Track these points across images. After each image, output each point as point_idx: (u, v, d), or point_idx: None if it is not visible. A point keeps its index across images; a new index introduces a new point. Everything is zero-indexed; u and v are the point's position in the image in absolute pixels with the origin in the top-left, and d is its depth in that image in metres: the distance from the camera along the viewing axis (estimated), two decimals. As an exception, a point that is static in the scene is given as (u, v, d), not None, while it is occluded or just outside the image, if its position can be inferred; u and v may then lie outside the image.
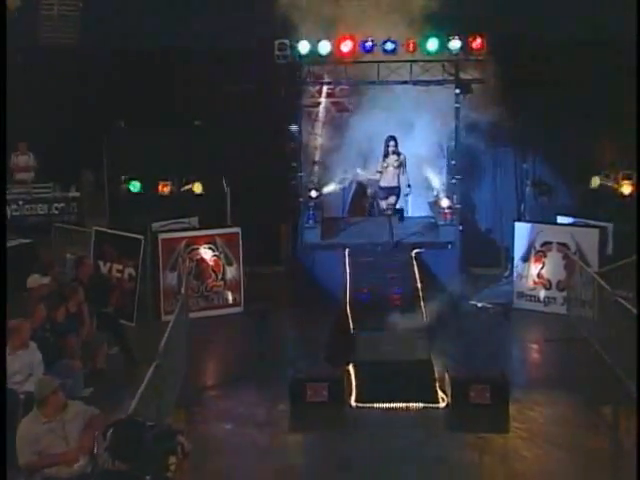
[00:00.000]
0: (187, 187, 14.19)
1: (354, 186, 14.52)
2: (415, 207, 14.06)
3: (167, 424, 5.08)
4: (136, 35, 14.27)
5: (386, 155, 12.44)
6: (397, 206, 12.66)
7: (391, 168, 12.42)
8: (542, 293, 12.59)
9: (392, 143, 12.42)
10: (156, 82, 14.25)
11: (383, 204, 12.62)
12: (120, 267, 11.95)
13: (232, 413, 9.03)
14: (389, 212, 12.52)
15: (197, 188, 14.13)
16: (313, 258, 12.86)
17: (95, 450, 6.07)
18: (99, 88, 14.27)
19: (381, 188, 12.62)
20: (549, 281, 12.57)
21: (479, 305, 12.66)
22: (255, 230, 13.29)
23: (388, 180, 12.52)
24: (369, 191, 14.09)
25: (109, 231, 12.41)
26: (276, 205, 14.08)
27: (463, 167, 13.44)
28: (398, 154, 12.41)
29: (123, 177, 14.11)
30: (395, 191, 12.57)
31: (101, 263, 12.00)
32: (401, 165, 12.42)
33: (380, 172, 12.54)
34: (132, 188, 14.01)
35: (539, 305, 12.60)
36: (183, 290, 10.83)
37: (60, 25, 15.46)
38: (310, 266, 12.86)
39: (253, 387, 9.69)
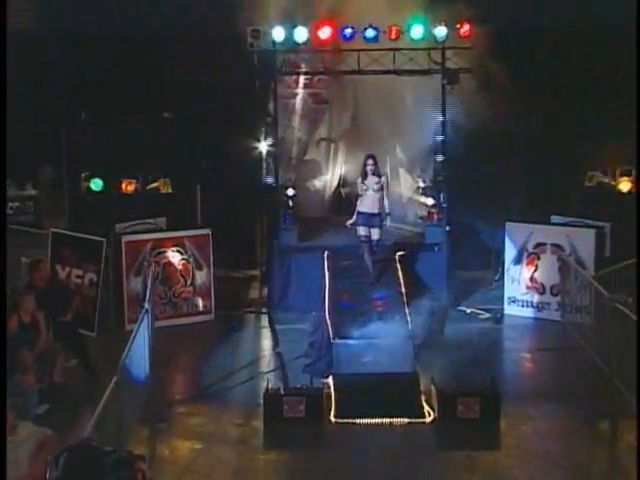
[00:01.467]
0: (153, 185, 14.15)
1: (335, 184, 14.42)
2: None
3: (127, 450, 4.92)
4: (99, 20, 14.08)
5: (365, 176, 11.35)
6: (377, 236, 11.56)
7: (371, 192, 11.30)
8: (535, 298, 12.63)
9: (370, 162, 11.33)
10: (121, 71, 14.06)
11: (361, 231, 11.56)
12: (80, 272, 11.90)
13: (201, 431, 8.98)
14: (365, 241, 11.52)
15: (164, 186, 14.09)
16: (290, 261, 12.83)
17: (47, 476, 5.91)
18: (58, 77, 14.06)
19: (360, 213, 11.51)
20: (542, 285, 12.61)
21: (468, 311, 12.69)
22: (227, 231, 13.27)
23: (367, 205, 11.39)
24: (344, 190, 13.95)
25: (68, 233, 12.30)
26: (250, 204, 14.05)
27: (451, 163, 13.39)
28: (379, 175, 11.46)
29: (84, 174, 14.01)
30: (375, 220, 11.47)
31: (59, 268, 11.92)
32: (382, 188, 11.53)
33: (360, 195, 11.50)
34: (94, 186, 13.92)
35: (532, 311, 12.64)
36: (148, 297, 10.69)
37: (15, 8, 15.20)
38: (287, 270, 12.83)
39: (224, 402, 9.65)
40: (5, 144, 10.29)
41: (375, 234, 11.52)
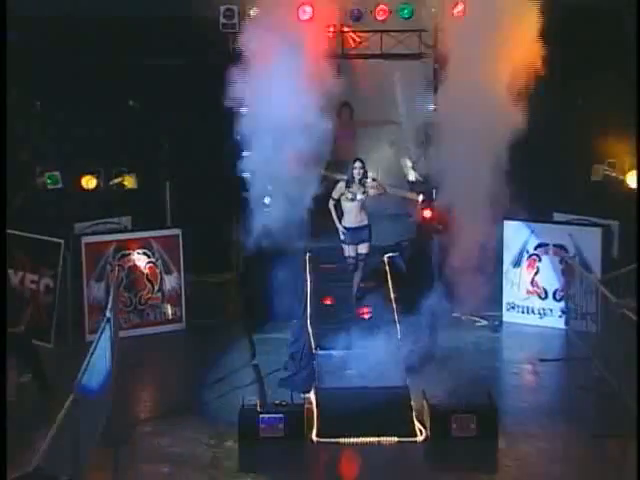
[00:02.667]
0: (117, 180, 13.97)
1: (319, 178, 14.37)
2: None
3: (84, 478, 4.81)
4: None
5: (350, 183, 10.95)
6: (365, 250, 11.15)
7: (356, 202, 10.91)
8: (536, 304, 12.65)
9: (358, 165, 10.96)
10: (80, 54, 13.90)
11: (348, 251, 11.16)
12: (35, 277, 11.89)
13: (169, 452, 8.93)
14: (352, 263, 11.19)
15: (129, 182, 13.95)
16: (269, 264, 12.66)
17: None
18: (9, 60, 13.87)
19: (347, 230, 11.06)
20: (544, 290, 12.63)
21: (463, 318, 12.68)
22: (199, 231, 13.21)
23: (353, 219, 10.99)
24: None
25: (21, 234, 12.14)
26: (225, 202, 13.91)
27: (444, 155, 13.32)
28: (364, 184, 10.96)
29: (39, 169, 13.80)
30: (364, 233, 11.07)
31: (11, 272, 11.81)
32: (368, 197, 11.04)
33: (342, 205, 11.05)
34: (50, 182, 13.71)
35: (533, 318, 12.66)
36: (111, 304, 10.63)
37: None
38: (265, 273, 12.64)
39: (195, 420, 9.60)
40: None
41: (363, 249, 11.17)
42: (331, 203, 11.09)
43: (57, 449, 6.73)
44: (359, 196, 10.95)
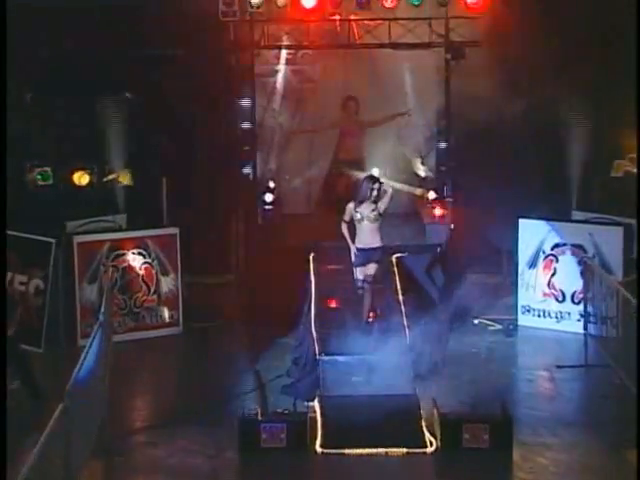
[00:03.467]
0: (111, 177, 13.97)
1: (325, 174, 14.37)
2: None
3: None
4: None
5: (361, 201, 10.73)
6: (372, 271, 10.86)
7: (366, 222, 10.73)
8: (553, 307, 12.65)
9: (376, 186, 10.71)
10: (73, 43, 13.91)
11: (359, 274, 10.99)
12: (24, 278, 11.92)
13: (166, 464, 8.92)
14: (364, 287, 10.93)
15: (124, 178, 13.95)
16: (271, 264, 12.71)
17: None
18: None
19: (358, 251, 10.86)
20: (562, 292, 12.64)
21: (476, 322, 12.70)
22: (198, 231, 13.29)
23: (364, 239, 10.79)
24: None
25: (11, 233, 11.87)
26: (225, 200, 13.99)
27: (456, 151, 13.31)
28: (375, 202, 10.69)
29: (29, 164, 13.82)
30: (375, 254, 10.85)
31: (0, 273, 11.96)
32: (380, 216, 10.77)
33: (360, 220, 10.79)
34: (41, 178, 13.74)
35: (550, 322, 12.66)
36: (105, 307, 10.55)
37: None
38: (267, 274, 12.71)
39: (193, 430, 9.58)
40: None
41: (370, 269, 10.95)
42: (344, 226, 10.88)
43: (46, 461, 6.68)
44: (369, 215, 10.72)
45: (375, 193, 10.72)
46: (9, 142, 13.47)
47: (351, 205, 10.82)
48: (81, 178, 13.80)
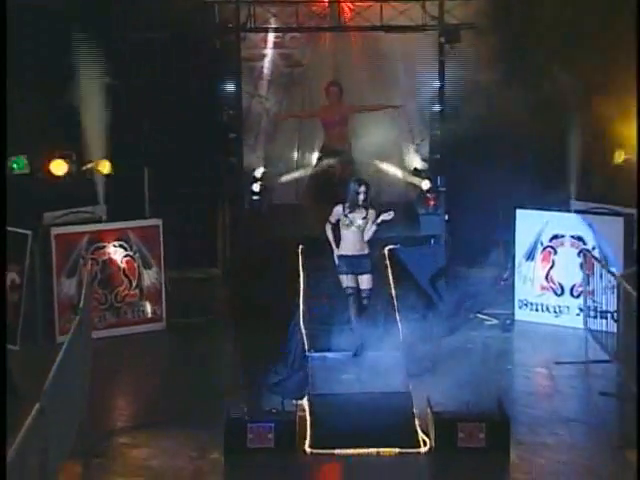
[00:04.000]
0: (90, 165, 13.83)
1: (314, 162, 14.36)
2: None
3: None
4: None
5: (351, 207, 10.45)
6: (367, 285, 10.60)
7: (354, 228, 10.47)
8: (552, 301, 12.67)
9: (362, 189, 10.40)
10: (50, 26, 13.82)
11: (346, 281, 10.66)
12: None
13: (148, 466, 8.88)
14: (352, 293, 10.64)
15: (104, 167, 13.82)
16: (258, 257, 12.73)
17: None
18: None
19: (342, 257, 10.59)
20: (560, 285, 12.65)
21: (471, 316, 12.64)
22: (182, 222, 13.37)
23: (350, 246, 10.52)
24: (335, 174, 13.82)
25: (-17, 224, 12.20)
26: (210, 190, 13.98)
27: (450, 138, 13.28)
28: (366, 208, 10.52)
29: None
30: (363, 263, 10.57)
31: (-27, 267, 11.90)
32: (367, 223, 10.51)
33: (340, 230, 10.62)
34: (16, 167, 13.58)
35: (548, 316, 12.68)
36: (84, 302, 10.49)
37: None
38: (254, 268, 12.70)
39: (177, 430, 9.55)
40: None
41: (365, 282, 10.67)
42: (328, 227, 10.66)
43: (22, 463, 6.59)
44: (358, 222, 10.49)
45: (362, 197, 10.43)
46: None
47: (339, 208, 10.53)
48: (59, 167, 13.70)
